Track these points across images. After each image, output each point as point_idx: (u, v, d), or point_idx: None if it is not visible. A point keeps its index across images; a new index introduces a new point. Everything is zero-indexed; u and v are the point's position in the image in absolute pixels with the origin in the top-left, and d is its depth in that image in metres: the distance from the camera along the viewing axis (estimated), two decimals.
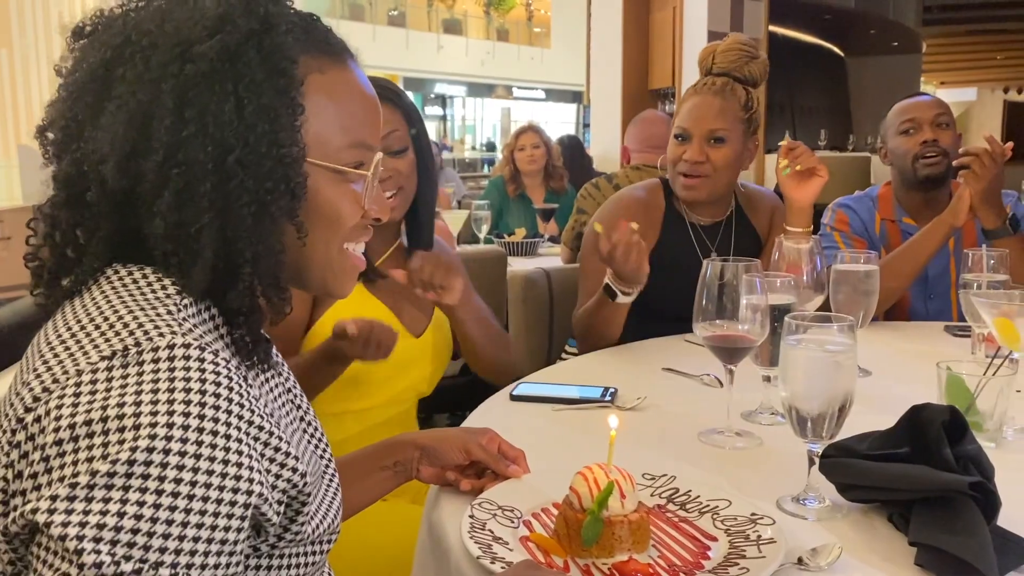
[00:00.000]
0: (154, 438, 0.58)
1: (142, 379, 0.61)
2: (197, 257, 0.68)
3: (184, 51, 0.68)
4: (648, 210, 1.95)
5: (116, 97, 0.68)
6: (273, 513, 0.67)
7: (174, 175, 0.67)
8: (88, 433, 0.59)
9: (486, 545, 0.85)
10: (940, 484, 0.89)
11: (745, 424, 1.28)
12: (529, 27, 26.61)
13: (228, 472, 0.61)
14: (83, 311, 0.68)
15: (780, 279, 1.29)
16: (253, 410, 0.65)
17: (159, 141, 0.67)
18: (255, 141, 0.69)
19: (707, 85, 1.90)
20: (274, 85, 0.70)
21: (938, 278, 2.11)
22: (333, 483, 0.83)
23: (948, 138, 2.09)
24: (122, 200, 0.69)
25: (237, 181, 0.68)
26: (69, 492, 0.57)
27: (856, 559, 0.87)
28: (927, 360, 1.48)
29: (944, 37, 12.60)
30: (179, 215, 0.68)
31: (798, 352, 0.96)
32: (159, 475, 0.58)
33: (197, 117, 0.67)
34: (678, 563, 0.85)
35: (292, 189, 0.71)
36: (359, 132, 0.78)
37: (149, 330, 0.64)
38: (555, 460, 1.13)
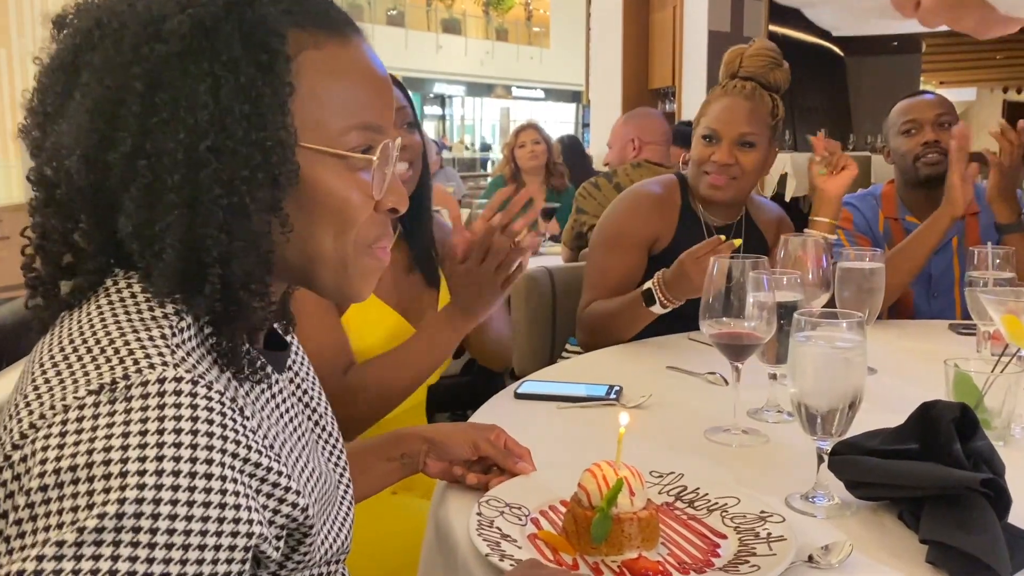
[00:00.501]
0: (143, 487, 0.54)
1: (130, 417, 0.56)
2: (159, 258, 0.62)
3: (155, 30, 0.62)
4: (665, 207, 1.94)
5: (82, 85, 0.63)
6: (272, 549, 0.64)
7: (141, 167, 0.61)
8: (73, 479, 0.54)
9: (494, 542, 0.85)
10: (952, 481, 0.88)
11: (751, 422, 1.28)
12: (528, 27, 26.61)
13: (225, 516, 0.57)
14: (77, 331, 0.63)
15: (787, 276, 1.29)
16: (249, 446, 0.61)
17: (126, 130, 0.61)
18: (232, 125, 0.62)
19: (736, 88, 1.87)
20: (255, 61, 0.63)
21: (941, 276, 2.11)
22: (347, 498, 0.80)
23: (949, 138, 2.08)
24: (93, 197, 0.64)
25: (209, 171, 0.62)
26: (56, 551, 0.53)
27: (866, 557, 0.87)
28: (932, 358, 1.48)
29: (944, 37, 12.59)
30: (147, 212, 0.62)
31: (808, 349, 0.96)
32: (150, 527, 0.54)
33: (169, 102, 0.61)
34: (688, 561, 0.85)
35: (275, 178, 0.64)
36: (364, 113, 0.70)
37: (139, 359, 0.59)
38: (561, 458, 1.13)
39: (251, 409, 0.67)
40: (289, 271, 0.71)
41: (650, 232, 1.90)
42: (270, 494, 0.63)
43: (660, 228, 1.91)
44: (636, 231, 1.90)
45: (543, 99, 27.47)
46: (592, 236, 2.00)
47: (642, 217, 1.91)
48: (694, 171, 1.93)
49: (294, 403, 0.78)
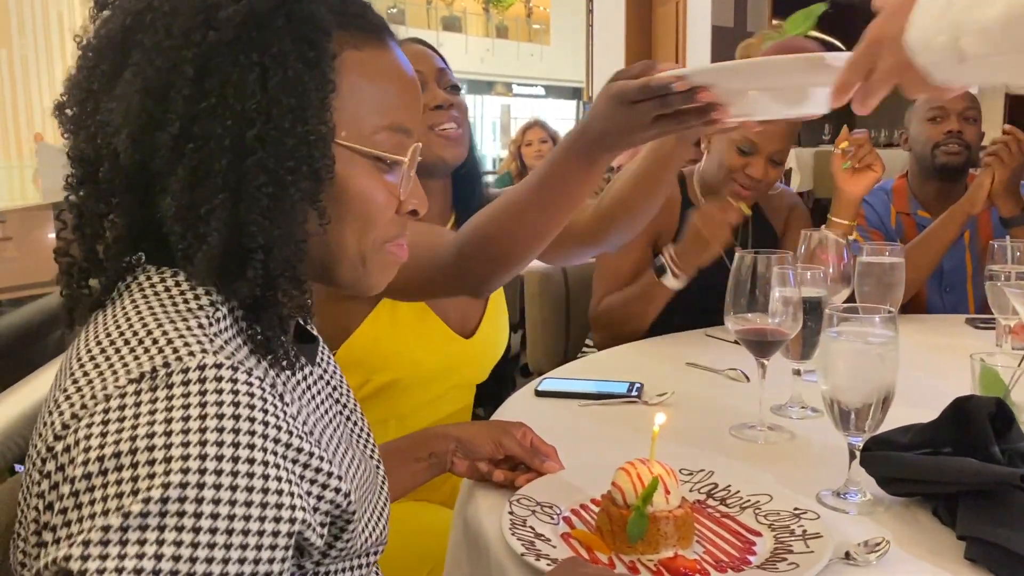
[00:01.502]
0: (187, 472, 0.55)
1: (172, 404, 0.57)
2: (203, 241, 0.63)
3: (207, 17, 0.63)
4: (665, 203, 1.93)
5: (133, 64, 0.64)
6: (316, 536, 0.63)
7: (189, 150, 0.62)
8: (117, 466, 0.55)
9: (529, 542, 0.84)
10: (990, 477, 0.87)
11: (776, 418, 1.27)
12: (528, 24, 26.58)
13: (268, 502, 0.57)
14: (113, 325, 0.64)
15: (810, 271, 1.28)
16: (291, 430, 0.61)
17: (175, 113, 0.62)
18: (278, 116, 0.64)
19: None
20: (303, 57, 0.65)
21: (954, 271, 2.11)
22: (384, 489, 0.80)
23: (973, 133, 2.09)
24: (135, 178, 0.65)
25: (255, 159, 0.63)
26: (101, 536, 0.53)
27: (903, 553, 0.86)
28: (953, 353, 1.48)
29: None
30: (191, 195, 0.63)
31: (840, 345, 0.95)
32: (195, 511, 0.55)
33: (218, 88, 0.63)
34: (724, 559, 0.84)
35: (316, 171, 0.66)
36: (396, 115, 0.72)
37: (179, 347, 0.60)
38: (586, 456, 1.12)
39: (290, 396, 0.67)
40: (309, 264, 0.71)
41: (652, 228, 1.88)
42: (313, 480, 0.63)
43: (661, 224, 1.90)
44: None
45: (544, 96, 27.44)
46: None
47: None
48: (719, 173, 1.89)
49: (326, 397, 0.78)
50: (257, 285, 0.65)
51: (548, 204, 1.05)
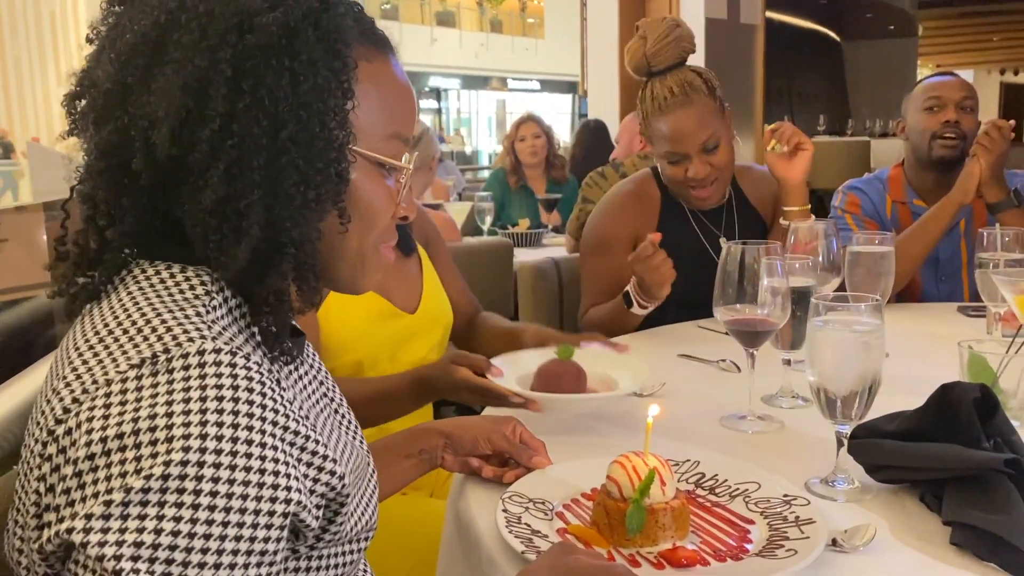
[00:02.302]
0: (188, 450, 0.57)
1: (172, 387, 0.59)
2: (243, 234, 0.66)
3: (243, 21, 0.66)
4: (642, 202, 1.93)
5: (172, 62, 0.66)
6: (312, 518, 0.65)
7: (228, 147, 0.65)
8: (120, 447, 0.57)
9: (526, 539, 0.85)
10: (974, 462, 0.88)
11: (766, 408, 1.28)
12: (522, 18, 26.53)
13: (265, 482, 0.60)
14: (111, 314, 0.66)
15: (799, 261, 1.28)
16: (288, 414, 0.63)
17: (215, 110, 0.65)
18: (307, 119, 0.67)
19: (668, 100, 1.79)
20: (329, 66, 0.68)
21: (949, 260, 2.11)
22: (374, 478, 0.82)
23: (970, 122, 2.08)
24: (167, 171, 0.67)
25: (289, 158, 0.66)
26: (104, 510, 0.56)
27: (890, 539, 0.87)
28: (943, 341, 1.48)
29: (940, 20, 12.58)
30: (229, 188, 0.65)
31: (826, 334, 0.96)
32: (195, 488, 0.57)
33: (253, 89, 0.65)
34: (723, 548, 0.85)
35: (339, 173, 0.69)
36: (398, 124, 0.77)
37: (178, 334, 0.62)
38: (576, 449, 1.13)
39: (286, 382, 0.70)
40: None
41: (630, 231, 1.89)
42: (309, 463, 0.66)
43: (638, 225, 1.89)
44: (616, 232, 1.90)
45: (539, 90, 27.40)
46: (580, 242, 2.00)
47: (619, 217, 1.91)
48: (676, 188, 1.90)
49: (316, 388, 0.80)
50: (286, 278, 0.69)
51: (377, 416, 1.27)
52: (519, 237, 3.46)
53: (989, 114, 2.36)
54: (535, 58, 25.50)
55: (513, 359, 1.34)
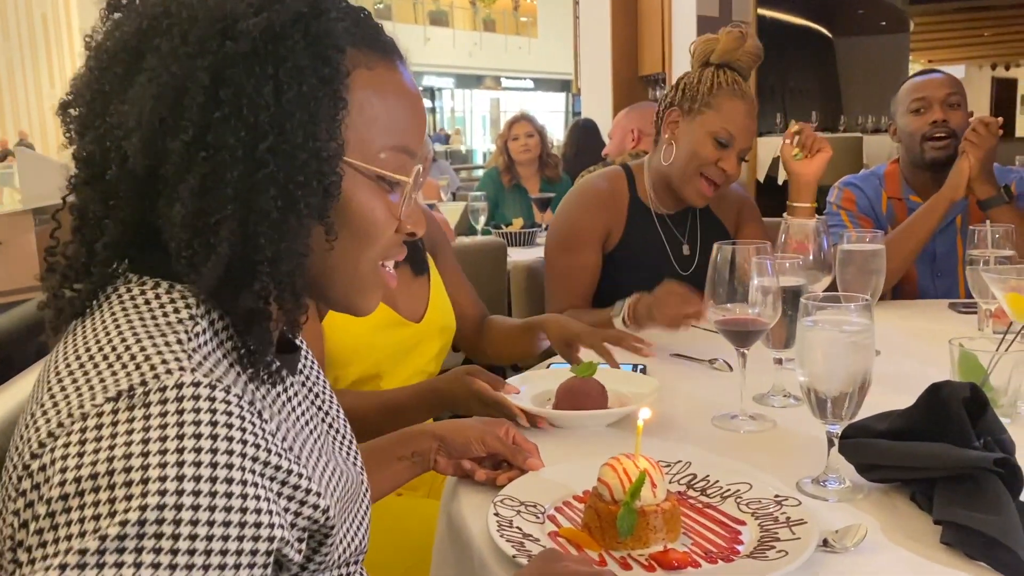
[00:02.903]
0: (164, 494, 0.54)
1: (149, 424, 0.56)
2: (212, 251, 0.63)
3: (226, 27, 0.63)
4: (612, 200, 1.91)
5: (148, 69, 0.63)
6: (294, 552, 0.64)
7: (200, 158, 0.62)
8: (94, 488, 0.54)
9: (518, 543, 0.85)
10: (964, 461, 0.88)
11: (758, 407, 1.28)
12: (515, 17, 26.52)
13: (246, 521, 0.57)
14: (92, 338, 0.63)
15: (789, 260, 1.29)
16: (269, 448, 0.61)
17: (189, 120, 0.62)
18: (291, 130, 0.64)
19: (743, 89, 1.81)
20: (317, 73, 0.65)
21: (946, 256, 2.11)
22: (366, 498, 0.80)
23: (958, 118, 2.07)
24: (142, 183, 0.64)
25: (266, 171, 0.63)
26: (79, 560, 0.53)
27: (881, 539, 0.87)
28: (935, 338, 1.49)
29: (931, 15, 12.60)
30: (200, 202, 0.62)
31: (816, 334, 0.96)
32: (172, 533, 0.54)
33: (232, 98, 0.62)
34: (714, 550, 0.85)
35: (325, 187, 0.66)
36: (402, 136, 0.72)
37: (156, 364, 0.59)
38: (569, 452, 1.13)
39: (269, 412, 0.67)
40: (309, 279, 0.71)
41: (601, 227, 1.87)
42: (291, 496, 0.64)
43: (610, 222, 1.88)
44: (587, 228, 1.87)
45: (533, 89, 27.40)
46: (547, 241, 1.96)
47: (591, 213, 1.88)
48: (687, 166, 1.83)
49: (308, 406, 0.78)
50: (261, 297, 0.65)
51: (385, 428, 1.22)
52: (512, 237, 3.46)
53: (981, 109, 2.36)
54: (528, 57, 25.50)
55: (527, 379, 1.38)
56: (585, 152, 4.34)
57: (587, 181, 1.98)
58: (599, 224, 1.87)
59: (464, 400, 1.28)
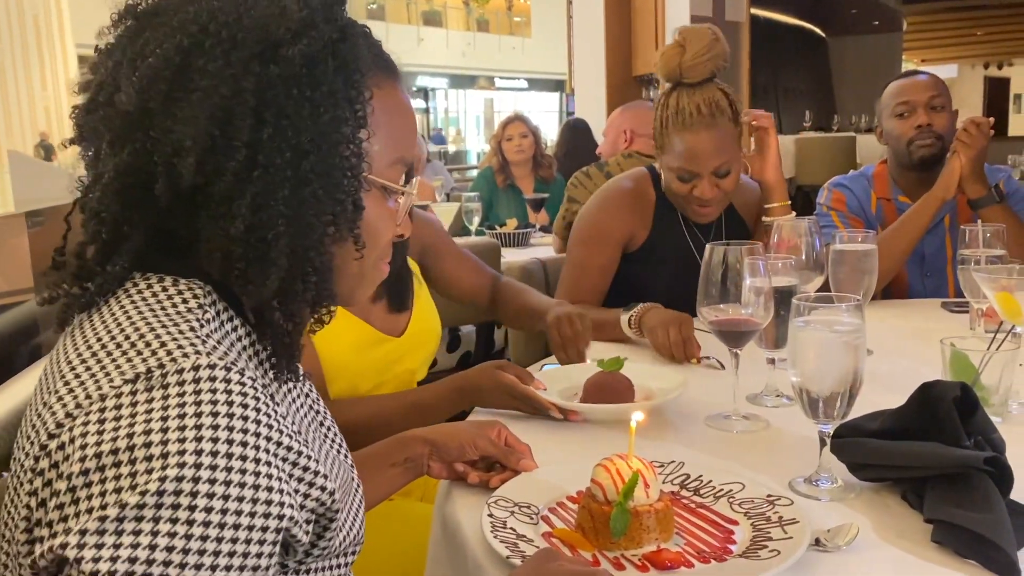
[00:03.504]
0: (183, 466, 0.57)
1: (167, 403, 0.59)
2: (271, 264, 0.66)
3: (267, 51, 0.66)
4: (639, 201, 1.92)
5: (198, 89, 0.65)
6: (302, 533, 0.66)
7: (255, 177, 0.65)
8: (115, 463, 0.57)
9: (512, 543, 0.85)
10: (955, 460, 0.89)
11: (751, 407, 1.29)
12: (509, 17, 26.52)
13: (259, 497, 0.60)
14: (103, 328, 0.66)
15: (781, 261, 1.29)
16: (281, 430, 0.64)
17: (240, 140, 0.65)
18: (327, 150, 0.68)
19: (694, 117, 1.74)
20: (347, 96, 0.69)
21: (935, 256, 2.12)
22: (359, 492, 0.82)
23: (943, 120, 2.08)
24: (187, 198, 0.67)
25: (311, 189, 0.67)
26: (98, 526, 0.55)
27: (873, 538, 0.88)
28: (926, 337, 1.49)
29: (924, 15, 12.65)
30: (254, 218, 0.66)
31: (808, 334, 0.96)
32: (189, 504, 0.57)
33: (275, 120, 0.66)
34: (706, 550, 0.85)
35: (355, 202, 0.71)
36: (403, 149, 0.78)
37: (172, 350, 0.62)
38: (562, 452, 1.13)
39: (280, 397, 0.71)
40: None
41: (625, 230, 1.88)
42: (301, 478, 0.66)
43: (635, 225, 1.89)
44: (612, 228, 1.88)
45: (526, 89, 27.41)
46: (571, 234, 1.97)
47: (617, 214, 1.89)
48: (678, 201, 1.86)
49: (304, 401, 0.81)
50: (307, 305, 0.71)
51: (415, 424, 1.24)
52: (506, 237, 3.46)
53: (974, 108, 2.37)
54: (522, 57, 25.51)
55: (554, 375, 1.40)
56: (576, 152, 4.35)
57: (615, 181, 1.99)
58: (622, 226, 1.88)
59: (492, 394, 1.30)
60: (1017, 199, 2.07)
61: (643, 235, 1.90)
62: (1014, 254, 1.61)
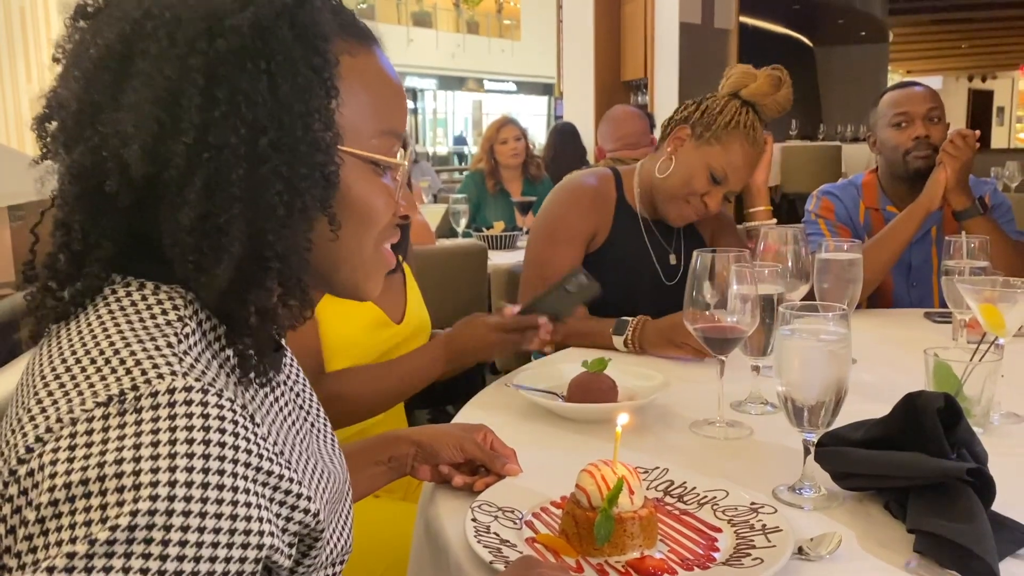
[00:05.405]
0: (156, 499, 0.54)
1: (141, 428, 0.55)
2: (223, 252, 0.62)
3: (213, 25, 0.62)
4: (601, 201, 1.89)
5: (139, 74, 0.62)
6: (284, 558, 0.63)
7: (204, 159, 0.61)
8: (85, 493, 0.54)
9: (495, 548, 0.84)
10: (938, 471, 0.89)
11: (735, 414, 1.29)
12: (499, 19, 26.54)
13: (236, 528, 0.57)
14: (79, 342, 0.62)
15: (767, 269, 1.30)
16: (261, 454, 0.60)
17: (188, 122, 0.61)
18: (289, 123, 0.63)
19: (760, 144, 1.79)
20: (308, 63, 0.65)
21: (921, 266, 2.14)
22: (350, 497, 0.80)
23: (939, 133, 2.09)
24: (143, 189, 0.62)
25: (270, 167, 0.63)
26: (67, 563, 0.52)
27: (855, 547, 0.88)
28: (910, 347, 1.50)
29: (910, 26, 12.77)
30: (207, 204, 0.61)
31: (793, 343, 0.96)
32: (163, 539, 0.54)
33: (228, 96, 0.61)
34: (690, 557, 0.85)
35: (326, 177, 0.66)
36: (389, 120, 0.74)
37: (147, 369, 0.58)
38: (547, 457, 1.13)
39: (259, 415, 0.67)
40: (311, 272, 0.71)
41: (589, 226, 1.86)
42: (283, 502, 0.63)
43: (598, 222, 1.87)
44: (575, 225, 1.86)
45: (515, 92, 27.42)
46: (531, 232, 1.95)
47: (581, 211, 1.86)
48: (679, 190, 1.81)
49: (292, 408, 0.77)
50: (271, 295, 0.66)
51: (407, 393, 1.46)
52: (493, 240, 3.45)
53: (958, 120, 2.39)
54: (511, 59, 25.53)
55: (537, 373, 1.42)
56: (564, 156, 4.36)
57: (576, 177, 1.96)
58: (587, 222, 1.86)
59: (481, 340, 1.37)
60: (1001, 211, 2.09)
61: (603, 234, 1.88)
62: (998, 266, 1.62)
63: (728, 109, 1.79)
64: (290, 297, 0.67)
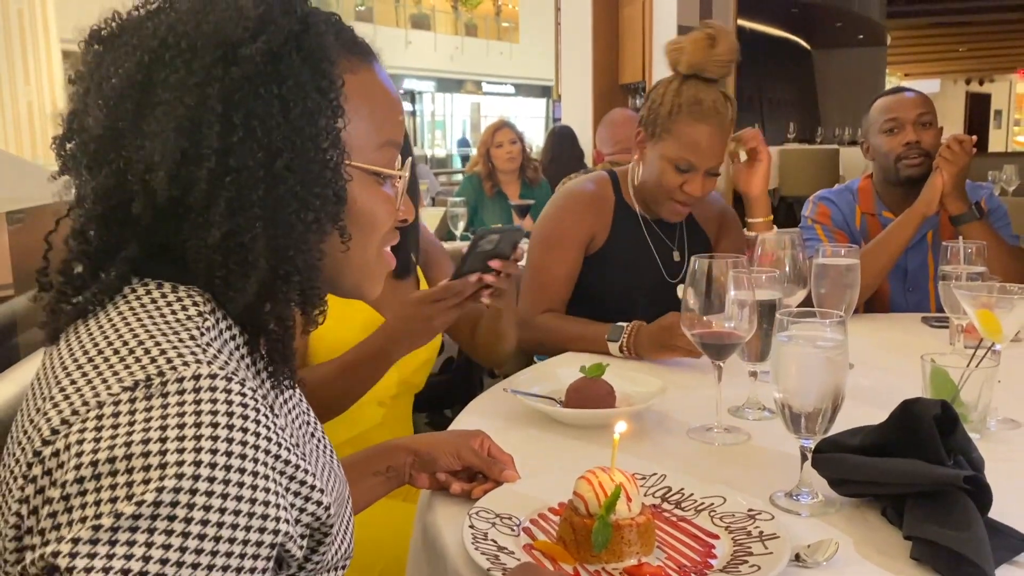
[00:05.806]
0: (180, 477, 0.56)
1: (167, 412, 0.58)
2: (250, 268, 0.66)
3: (227, 53, 0.66)
4: (599, 204, 1.89)
5: (162, 103, 0.65)
6: (296, 548, 0.65)
7: (226, 182, 0.65)
8: (111, 471, 0.56)
9: (493, 556, 0.84)
10: (934, 478, 0.89)
11: (733, 420, 1.29)
12: (497, 22, 26.57)
13: (255, 512, 0.59)
14: (101, 335, 0.64)
15: (765, 274, 1.30)
16: (280, 442, 0.63)
17: (209, 147, 0.65)
18: (302, 145, 0.67)
19: (708, 108, 1.72)
20: (316, 86, 0.68)
21: (917, 271, 2.14)
22: (350, 503, 0.82)
23: (931, 138, 2.10)
24: (168, 211, 0.66)
25: (286, 187, 0.67)
26: (92, 535, 0.55)
27: (852, 554, 0.88)
28: (907, 352, 1.50)
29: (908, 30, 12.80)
30: (231, 224, 0.65)
31: (790, 350, 0.96)
32: (185, 516, 0.56)
33: (244, 121, 0.65)
34: (687, 564, 0.85)
35: (336, 193, 0.70)
36: (389, 132, 0.77)
37: (172, 358, 0.61)
38: (545, 464, 1.13)
39: (278, 408, 0.70)
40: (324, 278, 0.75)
41: (586, 231, 1.86)
42: (298, 492, 0.65)
43: (596, 226, 1.87)
44: (572, 230, 1.86)
45: (513, 94, 27.45)
46: (530, 239, 1.95)
47: (578, 215, 1.87)
48: (657, 193, 1.82)
49: (300, 412, 0.80)
50: (291, 305, 0.70)
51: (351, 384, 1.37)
52: None
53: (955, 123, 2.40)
54: (510, 62, 25.55)
55: (536, 378, 1.41)
56: (561, 159, 4.37)
57: (574, 184, 1.97)
58: (584, 227, 1.86)
59: (413, 317, 1.34)
60: (998, 216, 2.09)
61: (603, 236, 1.88)
62: (994, 271, 1.62)
63: (667, 97, 1.76)
64: (308, 305, 0.72)
